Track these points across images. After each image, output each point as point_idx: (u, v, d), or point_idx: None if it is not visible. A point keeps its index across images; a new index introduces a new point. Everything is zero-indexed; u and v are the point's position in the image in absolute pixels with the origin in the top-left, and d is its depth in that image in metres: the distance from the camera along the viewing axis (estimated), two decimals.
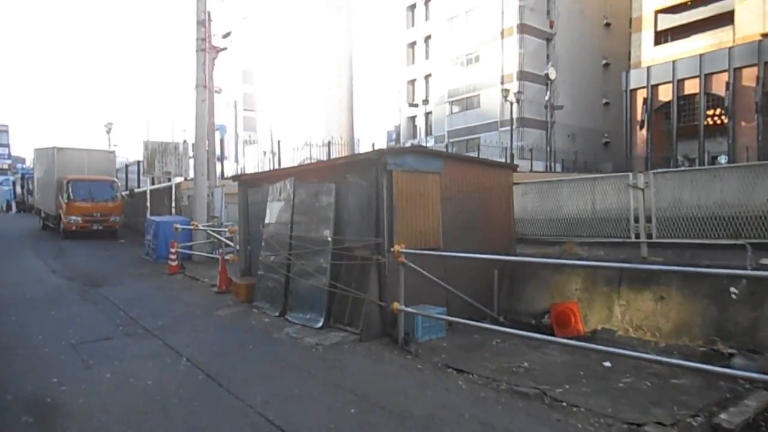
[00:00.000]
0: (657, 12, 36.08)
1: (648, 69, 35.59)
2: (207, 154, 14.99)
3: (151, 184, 19.83)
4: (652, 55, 36.18)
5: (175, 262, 12.85)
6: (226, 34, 15.06)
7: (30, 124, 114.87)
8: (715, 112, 33.81)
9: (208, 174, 15.22)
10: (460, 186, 8.21)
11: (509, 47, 39.48)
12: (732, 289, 5.96)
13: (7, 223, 28.38)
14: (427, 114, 48.54)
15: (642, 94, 35.98)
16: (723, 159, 32.19)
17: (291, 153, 27.19)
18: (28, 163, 47.56)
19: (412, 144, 41.62)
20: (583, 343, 5.40)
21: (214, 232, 13.51)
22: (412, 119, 50.45)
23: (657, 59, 35.65)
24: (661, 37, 36.34)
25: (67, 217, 19.18)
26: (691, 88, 33.93)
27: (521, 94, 36.32)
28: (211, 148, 15.37)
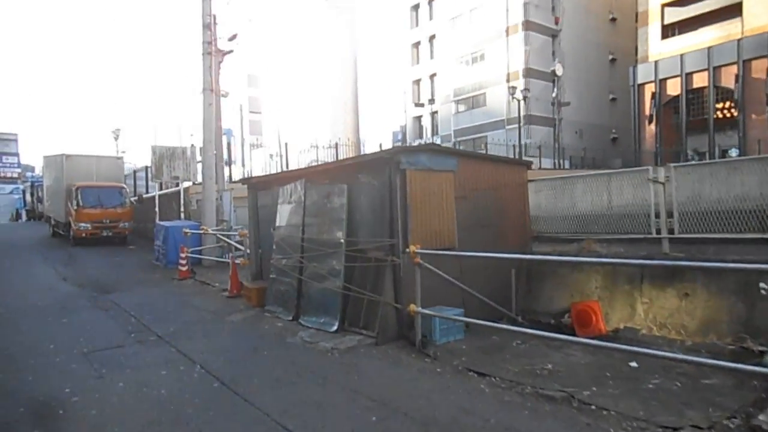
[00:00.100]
0: (663, 6, 35.66)
1: (656, 63, 35.24)
2: (215, 158, 14.92)
3: (160, 189, 19.79)
4: (660, 49, 35.79)
5: (185, 267, 12.76)
6: (232, 37, 14.98)
7: (39, 132, 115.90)
8: (724, 105, 33.41)
9: (217, 178, 15.15)
10: (474, 184, 8.04)
11: (514, 45, 39.24)
12: (762, 284, 5.74)
13: (18, 231, 28.47)
14: (432, 113, 48.28)
15: (650, 89, 35.62)
16: (734, 152, 31.76)
17: (297, 155, 27.11)
18: (38, 171, 47.77)
19: (419, 144, 41.43)
20: (610, 344, 5.21)
21: (224, 236, 13.42)
22: (418, 119, 50.22)
23: (664, 53, 35.28)
24: (668, 30, 35.91)
25: (77, 224, 19.17)
26: (700, 81, 33.56)
27: (528, 91, 36.06)
28: (218, 151, 15.30)
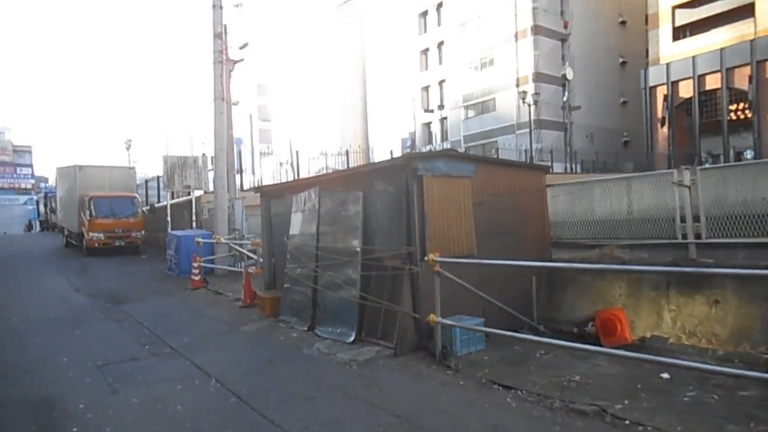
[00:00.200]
0: (674, 7, 35.36)
1: (667, 65, 34.90)
2: (226, 167, 14.86)
3: (171, 198, 19.77)
4: (671, 51, 35.45)
5: (197, 277, 12.67)
6: (242, 46, 14.97)
7: (52, 144, 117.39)
8: (738, 106, 32.98)
9: (228, 186, 15.09)
10: (492, 189, 7.86)
11: (523, 49, 39.06)
12: None
13: (32, 242, 28.63)
14: (442, 119, 48.14)
15: (662, 91, 35.24)
16: (749, 154, 31.29)
17: (307, 163, 27.09)
18: (51, 182, 48.23)
19: (430, 149, 41.27)
20: (642, 355, 5.00)
21: (236, 245, 13.33)
22: (427, 125, 50.09)
23: (676, 55, 34.93)
24: (680, 32, 35.59)
25: (90, 234, 19.20)
26: (713, 83, 33.17)
27: (538, 95, 35.82)
28: (230, 160, 15.25)
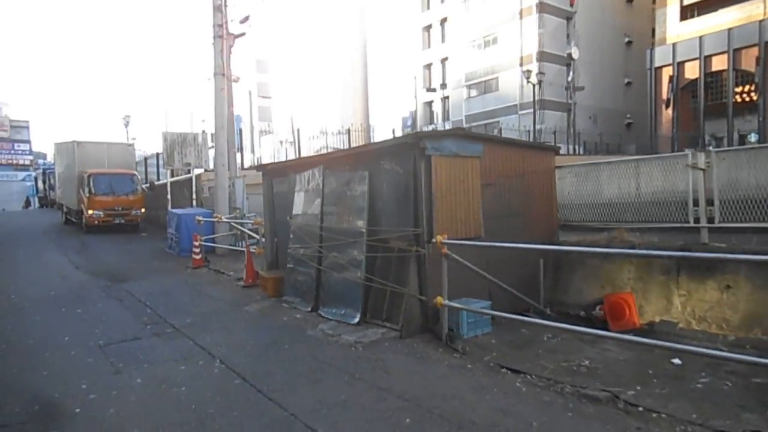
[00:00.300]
0: None
1: (674, 46, 34.35)
2: (227, 144, 14.63)
3: (171, 176, 19.56)
4: (678, 31, 34.85)
5: (198, 256, 12.57)
6: (243, 19, 14.58)
7: (50, 120, 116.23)
8: (744, 88, 32.52)
9: (229, 164, 14.88)
10: (501, 170, 7.70)
11: (528, 27, 38.37)
12: None
13: (30, 219, 28.46)
14: (444, 99, 47.58)
15: (667, 72, 34.75)
16: (753, 137, 31.00)
17: (307, 141, 26.77)
18: (49, 159, 47.81)
19: (433, 129, 40.85)
20: (654, 341, 4.90)
21: (237, 224, 13.19)
22: (429, 104, 49.55)
23: (683, 35, 34.35)
24: (687, 12, 34.94)
25: (89, 211, 19.05)
26: (719, 64, 32.67)
27: (542, 75, 35.32)
28: (230, 138, 15.01)
